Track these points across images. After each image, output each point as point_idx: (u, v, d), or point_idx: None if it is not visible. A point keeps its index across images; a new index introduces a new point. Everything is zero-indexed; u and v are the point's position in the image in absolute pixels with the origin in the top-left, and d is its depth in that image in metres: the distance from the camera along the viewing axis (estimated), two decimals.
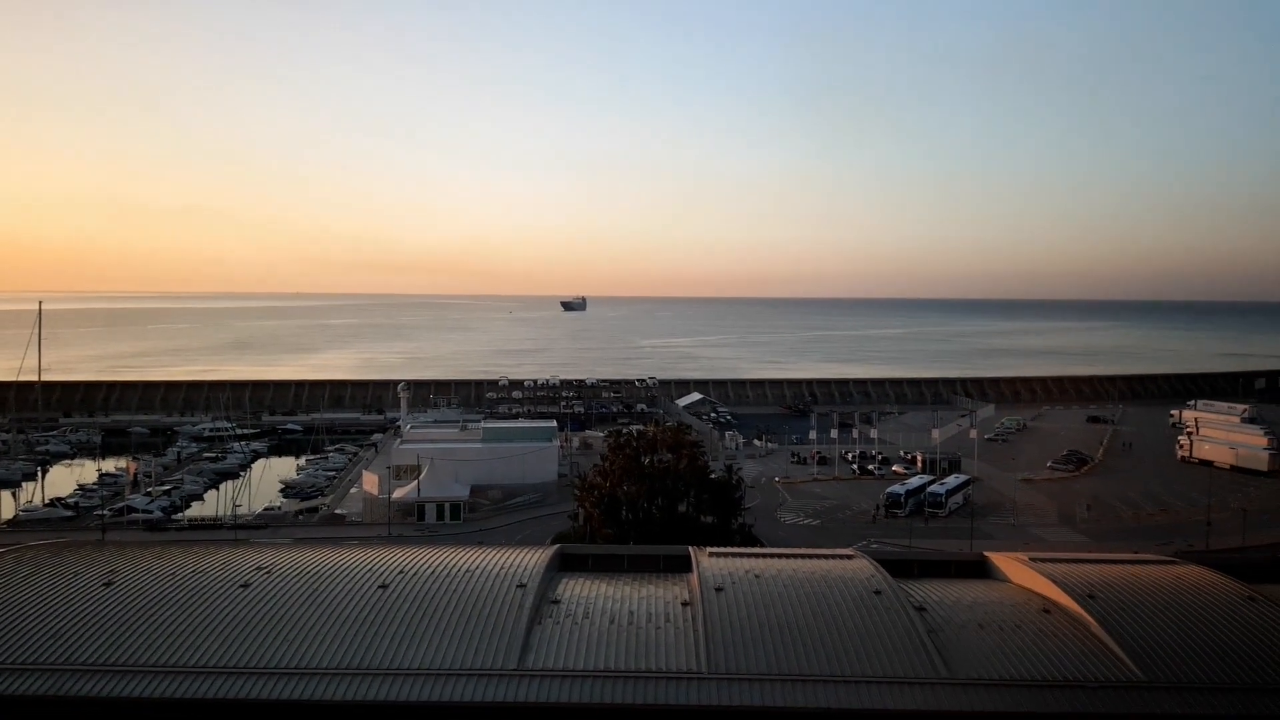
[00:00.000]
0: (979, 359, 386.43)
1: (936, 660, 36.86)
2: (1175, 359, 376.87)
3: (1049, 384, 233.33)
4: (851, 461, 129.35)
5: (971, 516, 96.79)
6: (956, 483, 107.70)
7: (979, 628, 40.00)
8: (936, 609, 41.82)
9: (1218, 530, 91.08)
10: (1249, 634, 39.14)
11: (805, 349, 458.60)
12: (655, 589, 44.17)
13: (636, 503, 77.20)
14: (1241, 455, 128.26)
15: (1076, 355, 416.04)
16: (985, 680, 35.95)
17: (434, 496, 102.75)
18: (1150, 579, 45.06)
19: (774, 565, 46.19)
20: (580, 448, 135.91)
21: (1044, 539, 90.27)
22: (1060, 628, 40.18)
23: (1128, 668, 36.80)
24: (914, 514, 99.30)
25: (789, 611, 40.22)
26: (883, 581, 43.42)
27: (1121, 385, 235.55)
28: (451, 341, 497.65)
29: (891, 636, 38.45)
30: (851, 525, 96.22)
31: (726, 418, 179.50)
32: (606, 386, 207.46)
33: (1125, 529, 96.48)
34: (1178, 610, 41.11)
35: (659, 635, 38.72)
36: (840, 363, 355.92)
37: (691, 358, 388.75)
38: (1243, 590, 43.45)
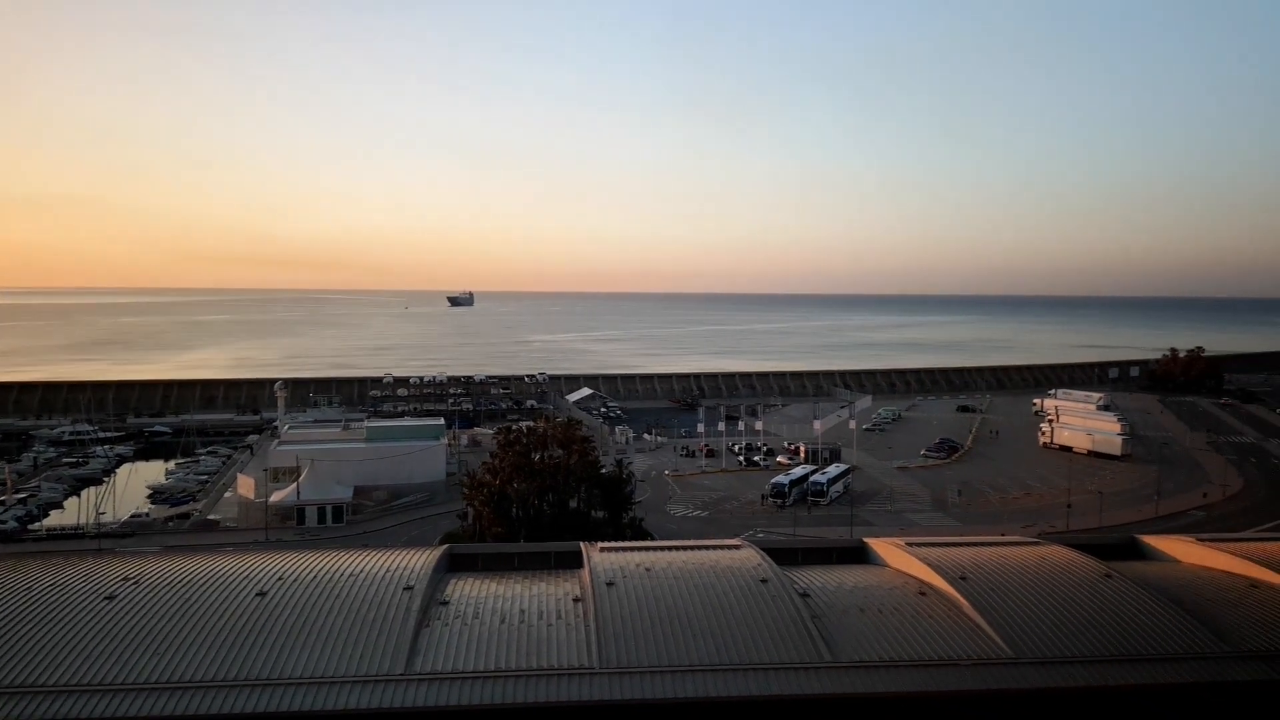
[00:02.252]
0: (857, 352, 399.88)
1: (820, 645, 37.98)
2: (1037, 351, 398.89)
3: (922, 376, 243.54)
4: (738, 454, 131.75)
5: (852, 504, 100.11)
6: (837, 472, 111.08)
7: (860, 611, 41.41)
8: (820, 595, 43.08)
9: (1077, 511, 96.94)
10: (1106, 609, 41.79)
11: (693, 343, 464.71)
12: (547, 586, 43.96)
13: (527, 500, 76.66)
14: (1097, 441, 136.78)
15: (947, 348, 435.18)
16: (866, 663, 37.25)
17: (315, 499, 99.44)
18: (1017, 559, 47.55)
19: (664, 558, 46.64)
20: (469, 445, 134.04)
21: (919, 524, 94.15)
22: (935, 609, 41.98)
23: (997, 645, 38.76)
24: (798, 503, 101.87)
25: (679, 603, 40.70)
26: (768, 570, 44.43)
27: (988, 376, 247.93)
28: (333, 338, 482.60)
29: (777, 623, 39.39)
30: (739, 516, 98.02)
31: (617, 412, 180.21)
32: (496, 383, 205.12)
33: (993, 512, 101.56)
34: (1042, 588, 43.54)
35: (550, 632, 38.55)
36: (727, 356, 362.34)
37: (582, 353, 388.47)
38: (1100, 568, 46.36)
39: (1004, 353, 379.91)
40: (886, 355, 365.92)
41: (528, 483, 76.63)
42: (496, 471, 77.99)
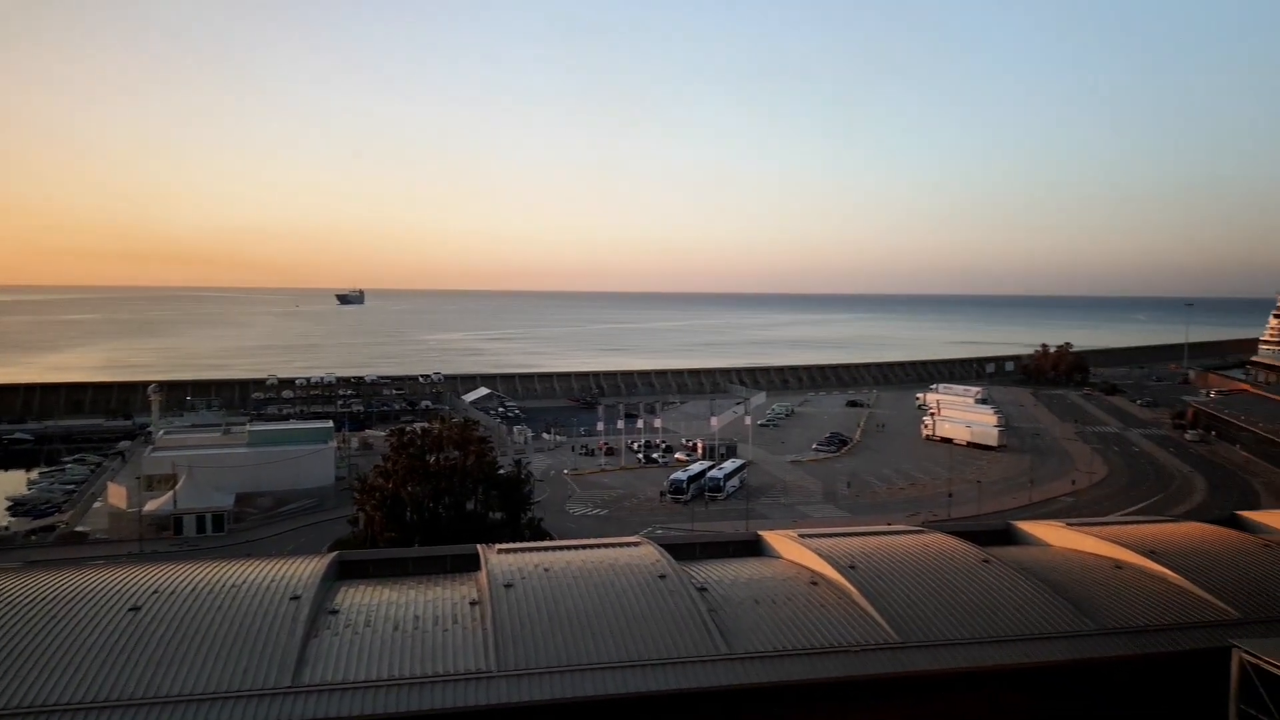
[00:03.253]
0: (752, 349, 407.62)
1: (717, 638, 38.57)
2: (920, 347, 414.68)
3: (813, 372, 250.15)
4: (637, 451, 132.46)
5: (747, 498, 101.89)
6: (733, 467, 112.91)
7: (755, 603, 42.25)
8: (717, 588, 43.75)
9: (958, 499, 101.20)
10: (985, 592, 43.82)
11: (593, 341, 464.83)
12: (443, 590, 43.25)
13: (422, 503, 75.10)
14: (976, 432, 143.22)
15: (836, 345, 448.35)
16: (761, 653, 38.05)
17: (193, 507, 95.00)
18: (902, 547, 49.36)
19: (563, 557, 46.52)
20: (360, 448, 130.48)
21: (811, 515, 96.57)
22: (826, 598, 43.20)
23: (885, 631, 40.16)
24: (696, 499, 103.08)
25: (578, 602, 40.66)
26: (667, 565, 44.86)
27: (875, 372, 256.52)
28: (212, 338, 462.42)
29: (676, 618, 39.82)
30: (638, 513, 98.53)
31: (515, 412, 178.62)
32: (388, 383, 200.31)
33: (880, 502, 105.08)
34: (926, 575, 45.32)
35: (446, 638, 37.94)
36: (626, 355, 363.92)
37: (478, 352, 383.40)
38: (979, 553, 48.54)
39: (889, 349, 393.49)
40: (780, 353, 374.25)
41: (422, 485, 75.08)
42: (389, 474, 76.12)
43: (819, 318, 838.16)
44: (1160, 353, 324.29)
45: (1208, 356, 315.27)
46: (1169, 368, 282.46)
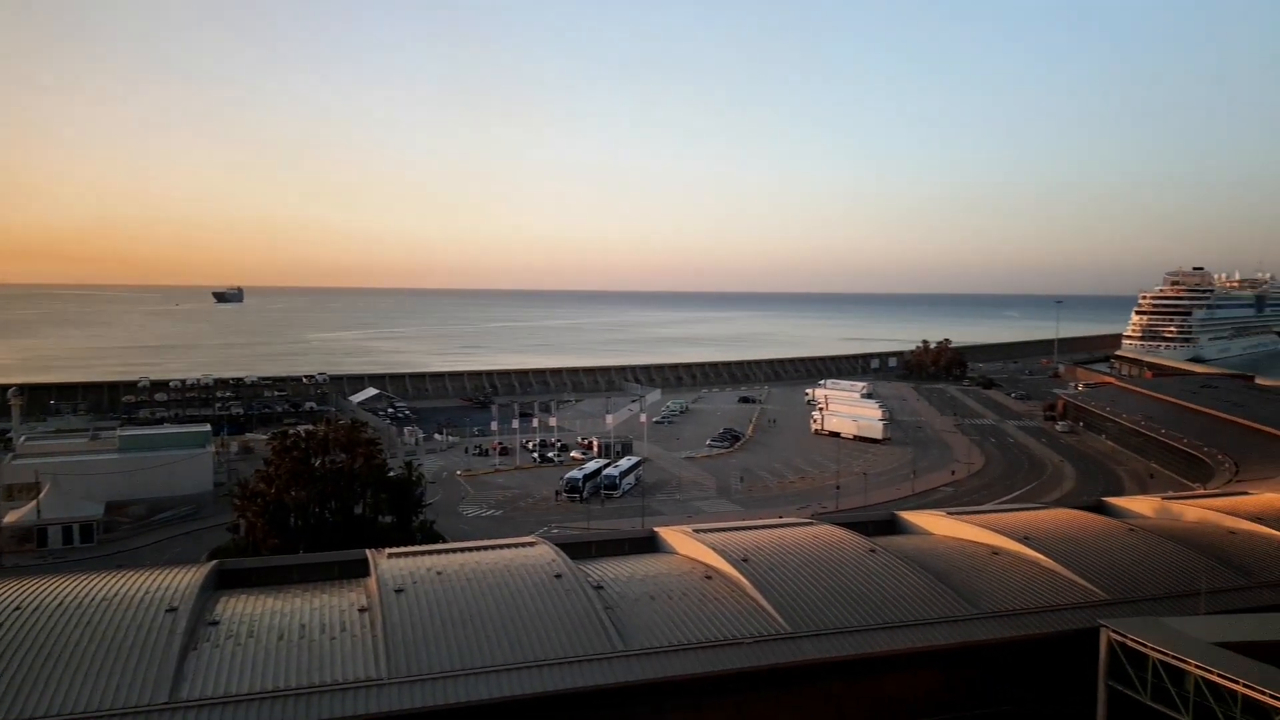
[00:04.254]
0: (647, 347, 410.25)
1: (613, 635, 38.63)
2: (809, 344, 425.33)
3: (707, 369, 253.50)
4: (532, 450, 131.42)
5: (643, 495, 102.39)
6: (629, 464, 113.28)
7: (650, 599, 42.50)
8: (613, 585, 43.82)
9: (845, 491, 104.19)
10: (872, 581, 45.23)
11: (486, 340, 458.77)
12: (330, 598, 41.97)
13: (307, 508, 72.55)
14: (861, 426, 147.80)
15: (729, 342, 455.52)
16: (656, 649, 38.30)
17: (59, 517, 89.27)
18: (793, 540, 50.50)
19: (457, 560, 45.78)
20: (240, 452, 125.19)
21: (705, 510, 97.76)
22: (720, 591, 43.82)
23: (777, 622, 41.00)
24: (592, 497, 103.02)
25: (473, 604, 40.07)
26: (563, 565, 44.67)
27: (766, 369, 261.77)
28: (78, 338, 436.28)
29: (572, 617, 39.69)
30: (534, 513, 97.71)
31: (405, 413, 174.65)
32: (269, 384, 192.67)
33: (772, 496, 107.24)
34: (816, 565, 46.48)
35: (334, 646, 36.84)
36: (520, 353, 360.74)
37: (366, 351, 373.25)
38: (865, 543, 50.10)
39: (780, 346, 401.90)
40: (675, 350, 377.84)
41: (307, 490, 72.53)
42: (272, 479, 73.22)
43: (714, 315, 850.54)
44: (1032, 348, 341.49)
45: (1076, 351, 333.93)
46: (1040, 362, 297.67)
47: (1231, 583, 47.54)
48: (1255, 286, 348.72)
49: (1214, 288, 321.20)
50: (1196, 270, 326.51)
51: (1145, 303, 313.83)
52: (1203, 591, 44.67)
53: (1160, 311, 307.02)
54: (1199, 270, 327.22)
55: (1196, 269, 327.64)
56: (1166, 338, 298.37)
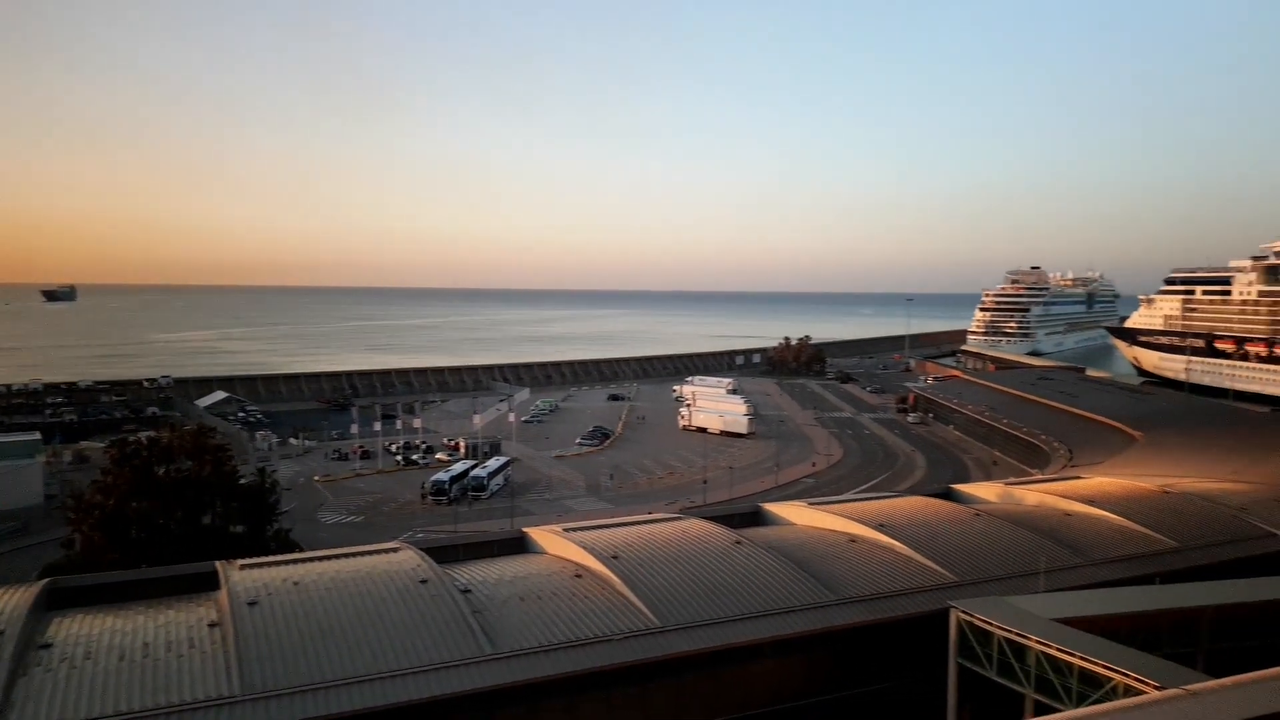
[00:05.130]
0: (516, 346, 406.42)
1: (482, 639, 37.96)
2: (675, 341, 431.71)
3: (576, 367, 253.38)
4: (395, 453, 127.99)
5: (512, 495, 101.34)
6: (497, 465, 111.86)
7: (520, 600, 41.99)
8: (481, 589, 43.05)
9: (712, 486, 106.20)
10: (737, 572, 46.15)
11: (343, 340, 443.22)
12: (176, 614, 39.51)
13: (150, 520, 68.05)
14: (727, 421, 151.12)
15: (597, 340, 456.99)
16: (526, 650, 37.87)
17: None
18: (662, 535, 50.96)
19: (315, 569, 43.96)
20: (74, 462, 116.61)
21: (575, 509, 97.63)
22: (590, 589, 43.75)
23: (646, 617, 41.27)
24: (459, 499, 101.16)
25: (332, 615, 38.57)
26: (429, 570, 43.56)
27: (635, 366, 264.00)
28: None
29: (439, 623, 38.76)
30: (398, 517, 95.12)
31: (257, 416, 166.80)
32: (107, 389, 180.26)
33: (642, 492, 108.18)
34: (683, 559, 47.05)
35: (182, 664, 34.72)
36: (382, 353, 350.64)
37: (214, 352, 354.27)
38: (731, 536, 51.08)
39: (648, 344, 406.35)
40: (544, 348, 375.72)
41: (150, 500, 68.02)
42: (110, 490, 68.26)
43: (583, 313, 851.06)
44: (886, 344, 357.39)
45: (926, 346, 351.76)
46: (893, 357, 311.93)
47: (1067, 561, 50.96)
48: (1086, 285, 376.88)
49: (1049, 286, 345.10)
50: (1034, 269, 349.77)
51: (988, 300, 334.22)
52: (1042, 571, 47.72)
53: (1001, 308, 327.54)
54: (1036, 269, 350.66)
55: (1034, 268, 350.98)
56: (1007, 333, 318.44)
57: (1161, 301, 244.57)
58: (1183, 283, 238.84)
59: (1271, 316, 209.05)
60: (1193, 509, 60.41)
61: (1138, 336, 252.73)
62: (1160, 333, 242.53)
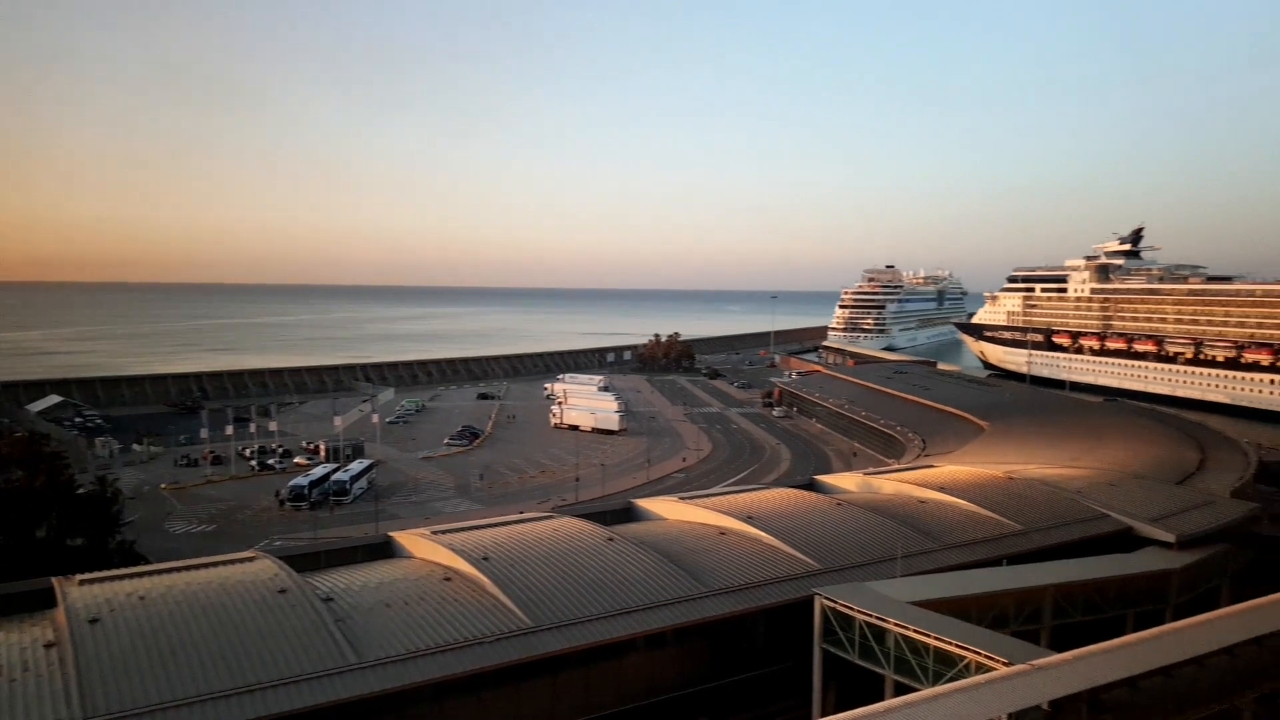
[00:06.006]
0: (380, 344, 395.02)
1: (346, 648, 36.62)
2: (546, 339, 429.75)
3: (443, 366, 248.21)
4: (250, 458, 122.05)
5: (377, 499, 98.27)
6: (361, 468, 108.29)
7: (386, 607, 40.74)
8: (344, 596, 41.53)
9: (585, 483, 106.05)
10: (610, 568, 46.23)
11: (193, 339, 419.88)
12: (8, 635, 36.53)
13: None
14: (599, 419, 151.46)
15: (466, 338, 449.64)
16: (393, 657, 36.78)
17: None
18: (534, 534, 50.52)
19: (163, 582, 41.42)
20: None
21: (445, 511, 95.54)
22: (460, 592, 42.90)
23: (518, 617, 40.80)
24: (320, 504, 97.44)
25: (183, 630, 36.43)
26: (287, 579, 41.74)
27: (505, 364, 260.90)
28: None
29: (299, 634, 37.18)
30: (253, 525, 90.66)
31: (96, 421, 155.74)
32: None
33: (513, 492, 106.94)
34: (556, 558, 46.78)
35: (15, 690, 32.17)
36: (233, 353, 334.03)
37: (47, 353, 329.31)
38: (604, 533, 51.16)
39: (519, 341, 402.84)
40: (410, 347, 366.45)
41: None
42: None
43: (451, 311, 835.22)
44: (752, 340, 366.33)
45: (790, 342, 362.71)
46: (759, 353, 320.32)
47: (923, 546, 53.43)
48: (937, 283, 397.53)
49: (903, 284, 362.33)
50: (889, 269, 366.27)
51: (847, 298, 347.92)
52: (899, 556, 49.87)
53: (859, 306, 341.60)
54: (891, 269, 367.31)
55: (889, 267, 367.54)
56: (865, 329, 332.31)
57: (1005, 298, 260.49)
58: (1024, 281, 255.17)
59: (1103, 312, 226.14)
60: (1035, 494, 64.44)
61: (983, 332, 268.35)
62: (1004, 328, 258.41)
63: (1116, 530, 59.12)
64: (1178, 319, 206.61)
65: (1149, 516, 59.93)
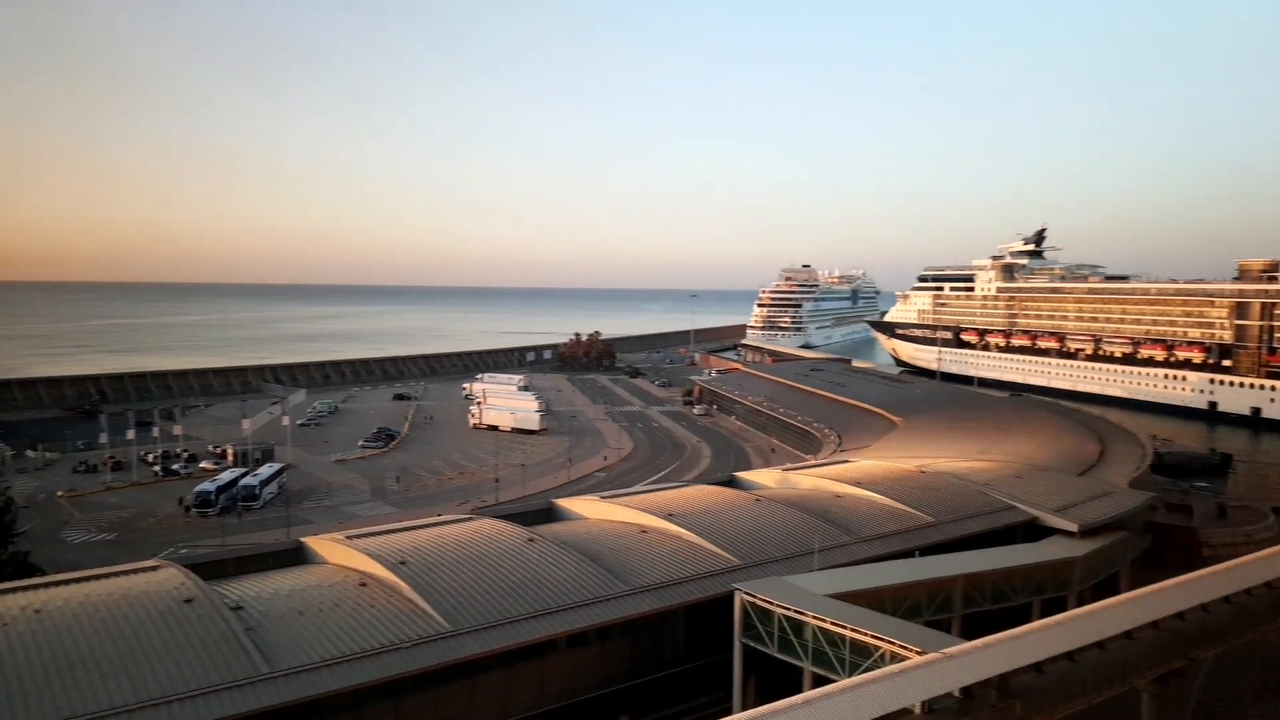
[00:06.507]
0: (290, 345, 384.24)
1: (257, 657, 35.46)
2: (465, 338, 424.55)
3: (357, 366, 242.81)
4: (153, 463, 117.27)
5: (288, 504, 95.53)
6: (270, 472, 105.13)
7: (299, 614, 39.56)
8: (255, 605, 40.21)
9: (505, 484, 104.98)
10: (531, 570, 45.82)
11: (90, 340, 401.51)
12: None
13: None
14: (519, 418, 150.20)
15: (381, 338, 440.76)
16: (307, 666, 35.73)
17: None
18: (452, 537, 49.74)
19: (61, 594, 39.45)
20: None
21: (360, 515, 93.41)
22: (376, 598, 41.94)
23: (436, 622, 40.11)
24: (228, 510, 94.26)
25: (83, 643, 34.75)
26: (194, 588, 40.21)
27: (422, 364, 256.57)
28: None
29: (207, 644, 35.87)
30: (157, 533, 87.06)
31: None
32: None
33: (431, 494, 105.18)
34: (475, 560, 46.15)
35: None
36: (134, 354, 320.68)
37: None
38: (524, 533, 50.69)
39: (436, 341, 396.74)
40: (322, 347, 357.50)
41: None
42: None
43: (365, 310, 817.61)
44: (673, 338, 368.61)
45: (709, 341, 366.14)
46: (680, 351, 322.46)
47: (839, 540, 54.46)
48: (851, 282, 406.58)
49: (819, 283, 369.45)
50: (805, 267, 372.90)
51: (765, 296, 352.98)
52: (816, 550, 50.72)
53: (777, 304, 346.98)
54: (807, 267, 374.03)
55: (806, 266, 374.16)
56: (782, 327, 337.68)
57: (915, 297, 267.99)
58: (933, 280, 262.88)
59: (1009, 310, 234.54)
60: (946, 486, 66.36)
61: (896, 330, 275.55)
62: (915, 326, 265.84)
63: (1023, 521, 61.34)
64: (1078, 317, 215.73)
65: (1053, 507, 62.31)
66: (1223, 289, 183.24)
